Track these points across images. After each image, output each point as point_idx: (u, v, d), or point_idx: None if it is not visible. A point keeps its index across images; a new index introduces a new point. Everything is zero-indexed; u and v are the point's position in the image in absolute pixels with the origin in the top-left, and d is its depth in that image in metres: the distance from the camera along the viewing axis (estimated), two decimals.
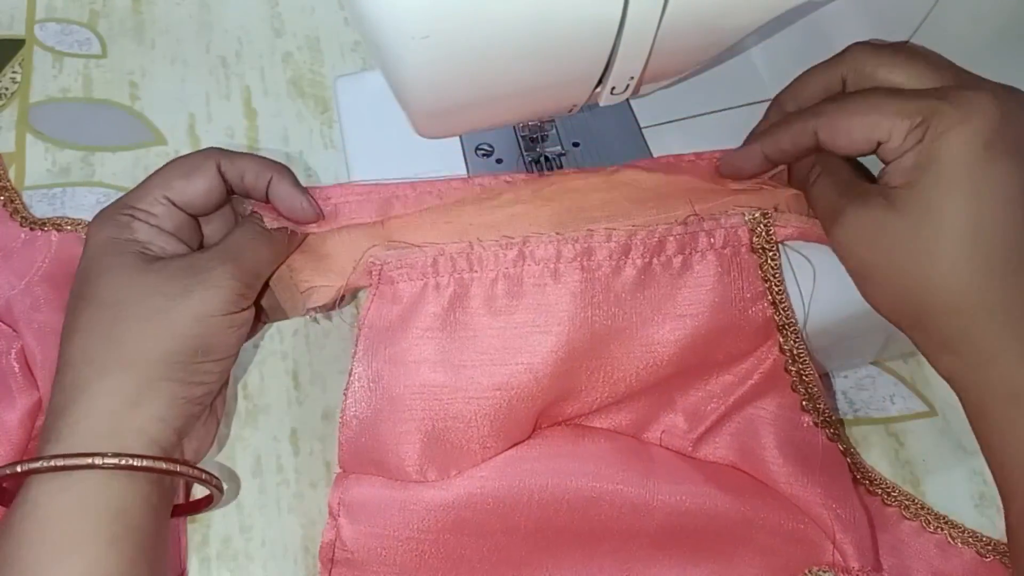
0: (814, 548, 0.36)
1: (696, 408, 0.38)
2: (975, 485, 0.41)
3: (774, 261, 0.36)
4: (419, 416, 0.36)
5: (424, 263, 0.36)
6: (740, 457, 0.38)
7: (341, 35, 0.54)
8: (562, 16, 0.27)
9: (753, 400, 0.38)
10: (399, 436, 0.36)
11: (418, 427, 0.36)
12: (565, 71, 0.31)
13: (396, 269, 0.36)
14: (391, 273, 0.37)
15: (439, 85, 0.30)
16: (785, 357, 0.37)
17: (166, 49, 0.54)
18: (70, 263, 0.44)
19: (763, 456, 0.37)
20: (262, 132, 0.51)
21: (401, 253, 0.37)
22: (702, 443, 0.39)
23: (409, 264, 0.36)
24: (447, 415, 0.36)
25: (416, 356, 0.36)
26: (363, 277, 0.37)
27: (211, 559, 0.39)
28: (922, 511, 0.39)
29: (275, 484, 0.41)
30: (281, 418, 0.42)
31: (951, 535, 0.39)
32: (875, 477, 0.40)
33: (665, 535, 0.37)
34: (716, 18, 0.31)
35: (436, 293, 0.36)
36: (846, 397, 0.43)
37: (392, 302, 0.37)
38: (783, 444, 0.37)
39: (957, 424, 0.42)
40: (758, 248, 0.36)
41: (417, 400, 0.36)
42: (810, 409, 0.38)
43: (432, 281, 0.36)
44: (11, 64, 0.53)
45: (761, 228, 0.36)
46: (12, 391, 0.39)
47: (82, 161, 0.49)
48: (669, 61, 0.33)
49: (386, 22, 0.26)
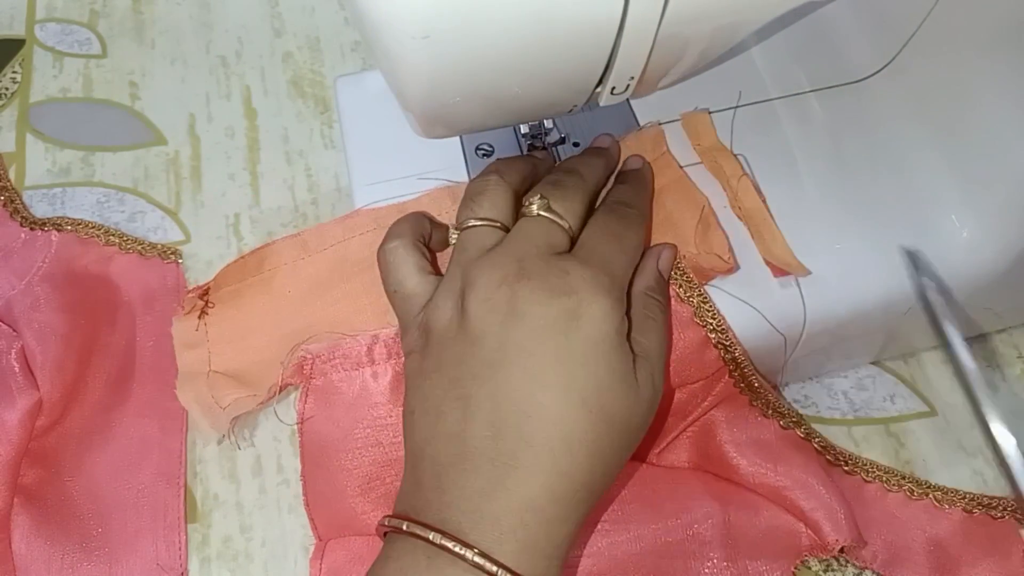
0: (793, 537, 0.37)
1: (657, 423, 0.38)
2: (975, 485, 0.41)
3: (705, 305, 0.36)
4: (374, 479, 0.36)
5: (359, 352, 0.36)
6: (703, 459, 0.39)
7: (341, 35, 0.54)
8: (562, 16, 0.27)
9: (708, 410, 0.38)
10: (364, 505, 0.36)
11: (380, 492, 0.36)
12: (565, 71, 0.31)
13: (329, 361, 0.36)
14: (323, 366, 0.36)
15: (439, 85, 0.30)
16: (736, 379, 0.37)
17: (166, 49, 0.54)
18: (70, 263, 0.44)
19: (724, 454, 0.38)
20: (262, 132, 0.51)
21: (332, 344, 0.36)
22: (665, 453, 0.39)
23: (343, 354, 0.36)
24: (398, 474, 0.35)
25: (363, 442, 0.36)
26: (294, 375, 0.37)
27: (211, 559, 0.39)
28: (904, 481, 0.40)
29: (275, 484, 0.41)
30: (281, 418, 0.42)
31: (936, 498, 0.39)
32: (849, 456, 0.40)
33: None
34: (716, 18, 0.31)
35: (375, 382, 0.36)
36: (846, 397, 0.43)
37: (329, 395, 0.36)
38: (740, 440, 0.38)
39: (957, 424, 0.42)
40: (684, 297, 0.36)
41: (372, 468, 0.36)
42: (758, 404, 0.38)
43: (368, 370, 0.36)
44: (11, 64, 0.53)
45: (678, 276, 0.36)
46: (12, 391, 0.39)
47: (82, 161, 0.49)
48: (669, 61, 0.33)
49: (386, 22, 0.26)
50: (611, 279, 0.31)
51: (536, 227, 0.32)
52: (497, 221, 0.33)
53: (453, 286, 0.32)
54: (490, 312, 0.30)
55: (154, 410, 0.41)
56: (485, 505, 0.28)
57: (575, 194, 0.34)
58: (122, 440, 0.41)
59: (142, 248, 0.45)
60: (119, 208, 0.48)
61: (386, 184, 0.41)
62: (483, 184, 0.34)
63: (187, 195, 0.48)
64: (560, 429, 0.29)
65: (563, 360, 0.29)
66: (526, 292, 0.30)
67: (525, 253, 0.31)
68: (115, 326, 0.43)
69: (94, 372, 0.42)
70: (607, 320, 0.30)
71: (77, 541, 0.38)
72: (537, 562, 0.28)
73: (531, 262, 0.31)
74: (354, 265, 0.39)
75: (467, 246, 0.33)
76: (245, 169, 0.49)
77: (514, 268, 0.31)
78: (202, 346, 0.39)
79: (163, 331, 0.43)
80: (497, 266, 0.31)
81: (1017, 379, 0.44)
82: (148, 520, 0.39)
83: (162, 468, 0.40)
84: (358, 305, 0.38)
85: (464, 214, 0.34)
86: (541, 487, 0.28)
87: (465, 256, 0.33)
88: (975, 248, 0.37)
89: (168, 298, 0.44)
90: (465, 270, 0.32)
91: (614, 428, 0.30)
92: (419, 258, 0.34)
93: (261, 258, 0.41)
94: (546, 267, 0.31)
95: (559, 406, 0.29)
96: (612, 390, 0.30)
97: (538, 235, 0.32)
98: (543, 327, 0.29)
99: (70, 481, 0.40)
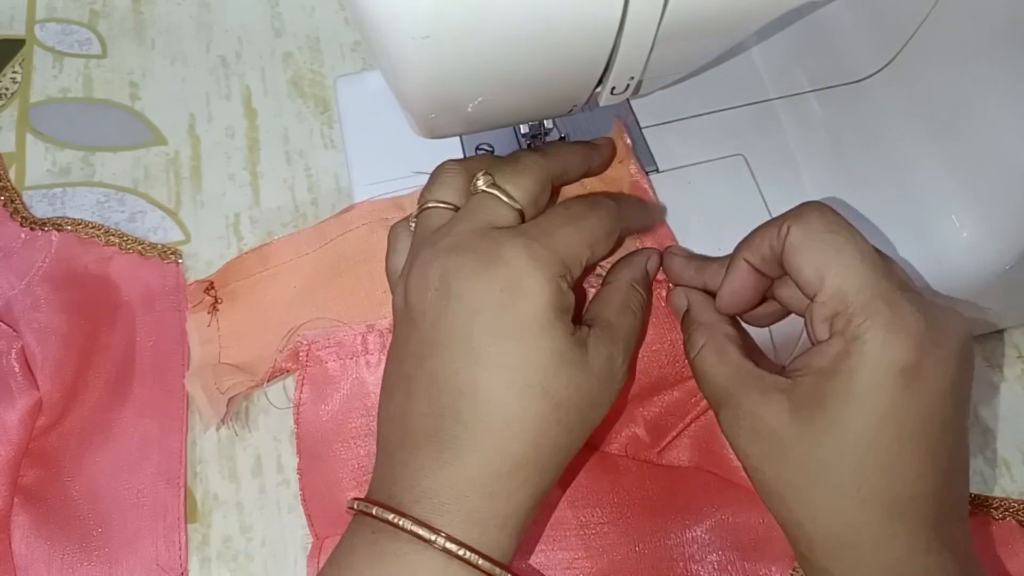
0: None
1: (656, 422, 0.38)
2: (975, 485, 0.41)
3: None
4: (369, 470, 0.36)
5: (353, 341, 0.36)
6: (704, 458, 0.39)
7: (341, 35, 0.54)
8: (562, 16, 0.27)
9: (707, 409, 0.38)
10: None
11: None
12: (565, 71, 0.31)
13: (324, 348, 0.36)
14: (319, 353, 0.36)
15: (439, 85, 0.30)
16: None
17: (166, 49, 0.54)
18: (70, 263, 0.44)
19: (724, 455, 0.37)
20: (262, 132, 0.51)
21: (328, 331, 0.37)
22: (665, 452, 0.39)
23: (338, 343, 0.36)
24: None
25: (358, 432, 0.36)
26: (290, 360, 0.37)
27: (211, 559, 0.39)
28: None
29: (275, 484, 0.41)
30: (281, 418, 0.42)
31: None
32: None
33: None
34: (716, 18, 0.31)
35: (368, 372, 0.36)
36: None
37: (324, 384, 0.37)
38: None
39: None
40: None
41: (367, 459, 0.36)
42: None
43: (363, 359, 0.36)
44: (11, 64, 0.53)
45: None
46: (12, 391, 0.39)
47: (82, 161, 0.49)
48: (669, 61, 0.33)
49: (386, 22, 0.26)
50: (551, 252, 0.29)
51: (478, 203, 0.31)
52: (451, 203, 0.33)
53: (404, 269, 0.32)
54: (424, 289, 0.30)
55: (154, 410, 0.41)
56: (424, 480, 0.28)
57: (528, 171, 0.32)
58: (122, 440, 0.41)
59: (142, 248, 0.45)
60: (119, 208, 0.48)
61: (386, 184, 0.41)
62: (440, 169, 0.34)
63: (187, 195, 0.48)
64: (495, 408, 0.28)
65: (498, 336, 0.28)
66: (456, 266, 0.29)
67: (461, 228, 0.30)
68: (115, 326, 0.43)
69: (94, 372, 0.42)
70: (542, 293, 0.29)
71: (77, 541, 0.38)
72: (485, 532, 0.28)
73: (465, 236, 0.30)
74: (349, 259, 0.39)
75: (420, 229, 0.33)
76: (245, 169, 0.49)
77: (447, 243, 0.30)
78: (214, 341, 0.40)
79: (163, 331, 0.43)
80: (433, 244, 0.30)
81: (1017, 379, 0.44)
82: (148, 520, 0.39)
83: (162, 468, 0.40)
84: (356, 298, 0.38)
85: (422, 198, 0.34)
86: (479, 464, 0.28)
87: (416, 238, 0.32)
88: (975, 248, 0.37)
89: (168, 298, 0.44)
90: (413, 251, 0.32)
91: (558, 406, 0.29)
92: (409, 236, 0.34)
93: (264, 256, 0.41)
94: (480, 240, 0.30)
95: (493, 384, 0.28)
96: (552, 367, 0.29)
97: (479, 211, 0.31)
98: (476, 302, 0.29)
99: (70, 481, 0.40)
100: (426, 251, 0.30)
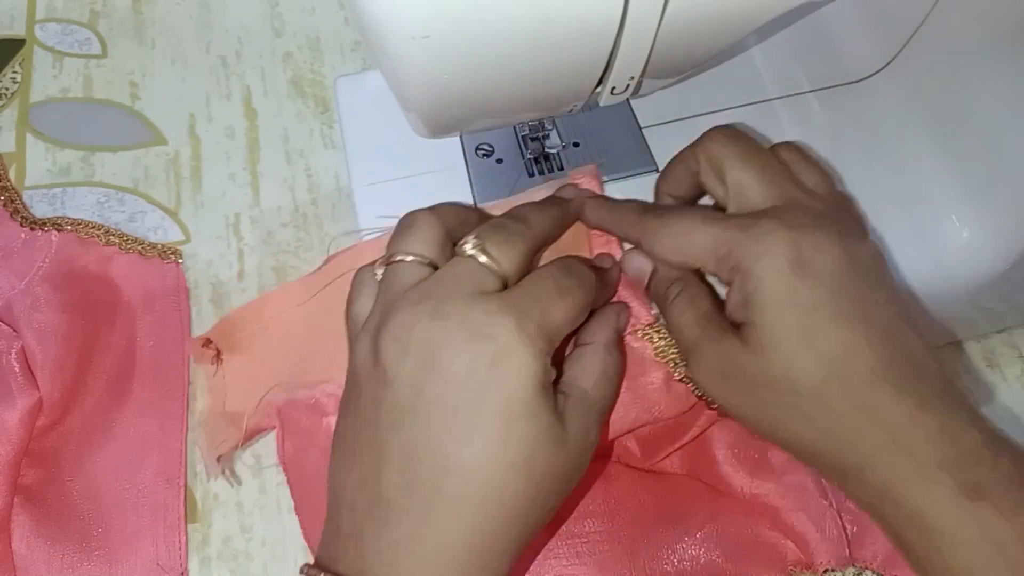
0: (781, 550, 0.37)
1: (647, 437, 0.38)
2: None
3: (663, 340, 0.35)
4: None
5: (323, 403, 0.37)
6: (695, 467, 0.39)
7: (341, 35, 0.54)
8: (562, 16, 0.27)
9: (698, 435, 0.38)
10: None
11: None
12: (565, 71, 0.31)
13: (297, 410, 0.37)
14: (294, 414, 0.37)
15: (439, 85, 0.30)
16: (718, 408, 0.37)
17: (166, 49, 0.54)
18: (70, 263, 0.44)
19: (716, 464, 0.37)
20: (262, 132, 0.51)
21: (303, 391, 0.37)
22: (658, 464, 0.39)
23: (306, 405, 0.37)
24: None
25: None
26: (265, 419, 0.38)
27: (211, 559, 0.39)
28: None
29: (275, 484, 0.41)
30: None
31: None
32: None
33: None
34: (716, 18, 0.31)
35: None
36: None
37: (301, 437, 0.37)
38: (732, 451, 0.38)
39: None
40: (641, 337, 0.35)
41: None
42: None
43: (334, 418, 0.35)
44: (11, 64, 0.53)
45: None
46: (12, 391, 0.39)
47: (82, 161, 0.49)
48: (669, 61, 0.33)
49: (386, 22, 0.26)
50: (537, 327, 0.28)
51: (464, 267, 0.30)
52: (426, 257, 0.31)
53: (371, 323, 0.30)
54: (402, 353, 0.28)
55: (154, 410, 0.41)
56: (400, 557, 0.28)
57: (515, 239, 0.31)
58: (122, 440, 0.41)
59: (142, 248, 0.45)
60: (119, 208, 0.48)
61: (386, 184, 0.41)
62: (414, 217, 0.32)
63: (187, 195, 0.48)
64: (478, 485, 0.28)
65: (483, 414, 0.28)
66: (441, 335, 0.28)
67: (446, 293, 0.29)
68: (115, 326, 0.43)
69: (94, 372, 0.42)
70: (528, 371, 0.28)
71: (77, 541, 0.38)
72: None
73: (450, 303, 0.28)
74: (325, 313, 0.39)
75: (391, 282, 0.31)
76: (245, 169, 0.49)
77: (430, 308, 0.28)
78: (220, 389, 0.41)
79: (163, 331, 0.43)
80: (413, 304, 0.29)
81: (1017, 379, 0.44)
82: (148, 520, 0.39)
83: (162, 468, 0.40)
84: (330, 351, 0.38)
85: (392, 247, 0.32)
86: (458, 541, 0.28)
87: (387, 292, 0.30)
88: (975, 248, 0.37)
89: (168, 298, 0.44)
90: (384, 307, 0.30)
91: (538, 484, 0.28)
92: (375, 285, 0.32)
93: (257, 309, 0.41)
94: (466, 309, 0.28)
95: (478, 463, 0.28)
96: (535, 445, 0.28)
97: (465, 276, 0.29)
98: (460, 376, 0.28)
99: (70, 481, 0.40)
100: (406, 313, 0.29)
